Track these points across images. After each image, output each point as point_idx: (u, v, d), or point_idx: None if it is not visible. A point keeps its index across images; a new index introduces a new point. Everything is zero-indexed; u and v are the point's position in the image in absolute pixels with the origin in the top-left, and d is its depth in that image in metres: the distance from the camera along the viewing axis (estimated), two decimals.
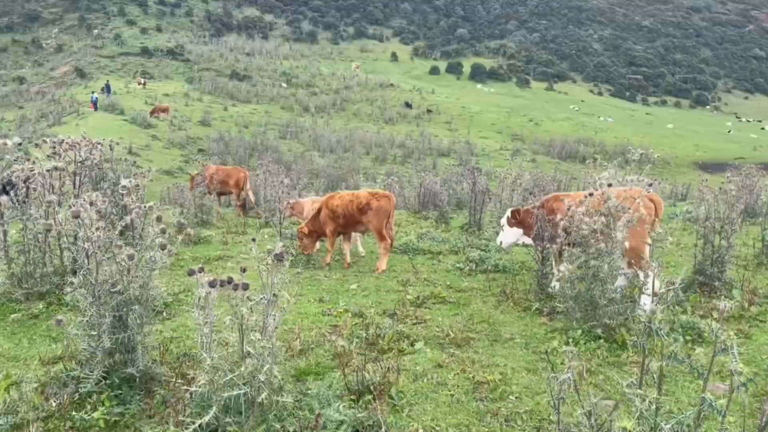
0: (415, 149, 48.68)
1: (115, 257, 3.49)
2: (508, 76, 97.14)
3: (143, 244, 3.71)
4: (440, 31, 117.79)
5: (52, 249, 5.90)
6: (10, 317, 5.33)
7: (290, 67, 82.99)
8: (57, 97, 57.80)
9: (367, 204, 8.17)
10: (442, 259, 8.76)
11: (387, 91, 75.84)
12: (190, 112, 50.63)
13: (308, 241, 8.79)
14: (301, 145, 48.28)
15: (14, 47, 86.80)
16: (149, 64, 76.84)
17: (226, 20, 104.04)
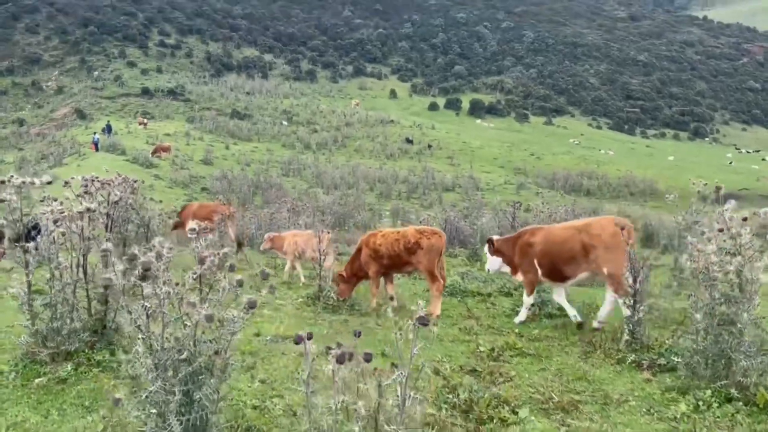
0: (419, 184, 48.33)
1: (186, 318, 2.83)
2: (506, 112, 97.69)
3: (217, 300, 3.04)
4: (438, 68, 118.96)
5: (80, 301, 5.21)
6: (35, 382, 4.62)
7: (291, 106, 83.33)
8: (57, 139, 57.57)
9: (416, 243, 7.52)
10: (495, 302, 8.08)
11: (387, 127, 75.99)
12: (192, 151, 50.35)
13: (346, 286, 8.10)
14: (305, 182, 47.91)
15: (14, 90, 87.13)
16: (150, 104, 77.06)
17: (226, 60, 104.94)
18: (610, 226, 6.90)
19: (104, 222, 5.31)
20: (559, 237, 7.28)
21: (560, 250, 7.15)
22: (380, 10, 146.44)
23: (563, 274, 7.22)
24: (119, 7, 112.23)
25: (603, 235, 6.87)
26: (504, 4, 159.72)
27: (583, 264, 7.03)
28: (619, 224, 6.82)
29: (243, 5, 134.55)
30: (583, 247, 6.98)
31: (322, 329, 6.50)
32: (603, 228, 6.94)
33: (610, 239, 6.78)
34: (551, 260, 7.23)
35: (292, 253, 10.46)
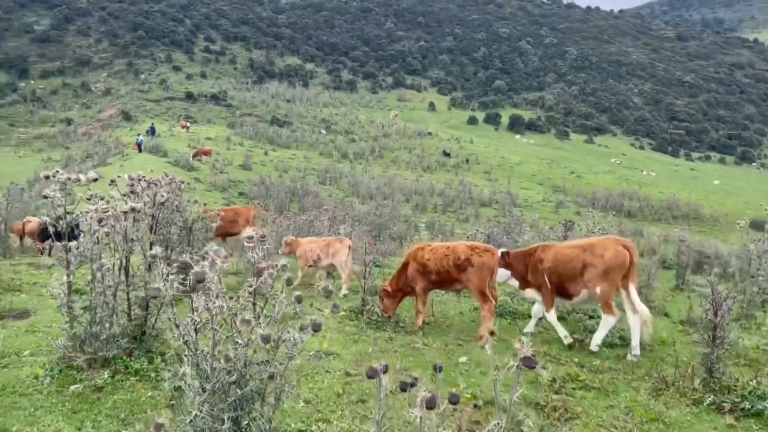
0: (455, 198, 47.83)
1: (239, 336, 2.53)
2: (547, 128, 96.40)
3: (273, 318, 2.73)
4: (478, 83, 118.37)
5: (120, 304, 4.98)
6: (70, 389, 4.39)
7: (330, 115, 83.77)
8: (103, 139, 58.93)
9: (466, 260, 7.12)
10: (547, 326, 7.61)
11: (425, 139, 75.71)
12: (232, 156, 50.85)
13: (390, 302, 7.71)
14: (341, 191, 47.90)
15: (64, 90, 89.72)
16: (193, 108, 78.36)
17: (268, 68, 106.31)
18: (613, 246, 7.08)
19: (149, 223, 5.09)
20: (566, 255, 7.45)
21: (565, 268, 7.36)
22: (422, 23, 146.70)
23: (568, 292, 7.41)
24: (168, 13, 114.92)
25: (605, 255, 7.02)
26: (548, 20, 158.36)
27: (581, 282, 7.23)
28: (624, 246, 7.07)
29: (288, 14, 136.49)
30: (583, 266, 7.18)
31: (367, 346, 6.17)
32: (605, 248, 7.10)
33: (611, 260, 6.96)
34: (558, 277, 7.42)
35: (305, 260, 10.20)
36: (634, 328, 6.68)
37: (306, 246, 9.98)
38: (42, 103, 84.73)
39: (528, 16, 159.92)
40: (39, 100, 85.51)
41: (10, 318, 6.34)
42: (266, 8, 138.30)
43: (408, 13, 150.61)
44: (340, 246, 10.22)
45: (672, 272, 13.54)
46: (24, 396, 4.24)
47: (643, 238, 26.40)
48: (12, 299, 7.07)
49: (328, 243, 10.30)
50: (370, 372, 2.19)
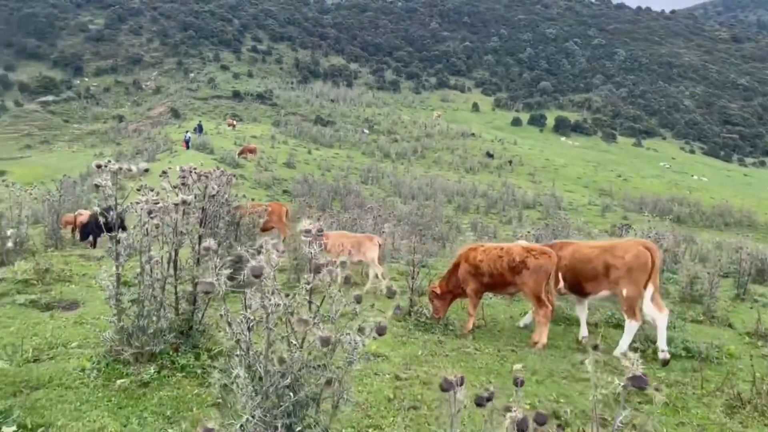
0: (498, 200, 47.18)
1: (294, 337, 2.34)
2: (593, 130, 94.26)
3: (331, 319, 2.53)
4: (523, 84, 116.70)
5: (167, 298, 4.88)
6: (117, 383, 4.30)
7: (373, 114, 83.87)
8: (152, 136, 60.36)
9: (522, 262, 6.81)
10: (605, 334, 7.23)
11: (468, 140, 75.00)
12: (276, 154, 51.36)
13: (440, 304, 7.45)
14: (382, 190, 47.83)
15: (116, 87, 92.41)
16: (239, 107, 79.59)
17: (313, 68, 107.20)
18: (635, 249, 7.06)
19: (198, 216, 4.98)
20: (585, 255, 7.48)
21: (584, 267, 7.41)
22: (468, 23, 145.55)
23: (584, 290, 7.46)
24: (217, 13, 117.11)
25: (626, 257, 7.01)
26: (596, 20, 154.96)
27: (603, 283, 7.20)
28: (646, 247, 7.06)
29: (333, 15, 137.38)
30: (605, 267, 7.14)
31: (416, 349, 5.94)
32: (626, 250, 7.09)
33: (633, 262, 6.94)
34: (574, 276, 7.48)
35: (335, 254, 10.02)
36: (660, 326, 6.62)
37: (336, 240, 9.82)
38: (95, 100, 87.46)
39: (576, 17, 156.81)
40: (92, 97, 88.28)
41: (59, 308, 6.36)
42: (312, 8, 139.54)
43: (453, 14, 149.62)
44: (370, 244, 10.17)
45: (729, 281, 12.87)
46: (70, 389, 4.17)
47: (695, 245, 25.39)
48: (62, 290, 7.11)
49: (357, 239, 10.25)
50: (446, 384, 1.97)
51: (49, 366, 4.51)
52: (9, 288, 6.90)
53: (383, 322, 2.37)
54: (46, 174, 44.45)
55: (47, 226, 12.14)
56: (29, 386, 4.17)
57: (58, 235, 12.48)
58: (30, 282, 7.20)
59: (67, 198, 16.27)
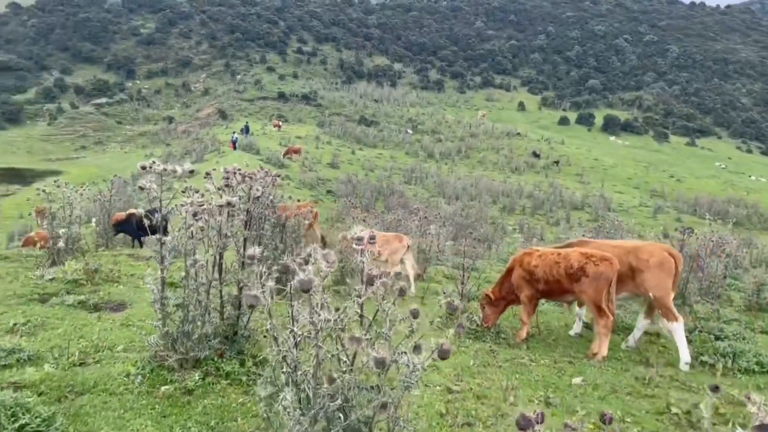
0: (545, 200, 46.31)
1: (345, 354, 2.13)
2: (644, 129, 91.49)
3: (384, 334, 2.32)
4: (571, 82, 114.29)
5: (212, 301, 4.76)
6: (161, 390, 4.20)
7: (416, 114, 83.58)
8: (200, 136, 61.63)
9: (581, 268, 6.45)
10: (666, 344, 6.80)
11: (513, 140, 73.90)
12: (320, 155, 51.65)
13: (492, 311, 7.15)
14: (426, 190, 47.58)
15: (167, 89, 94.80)
16: (285, 108, 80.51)
17: (357, 68, 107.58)
18: (660, 252, 7.01)
19: (243, 219, 4.85)
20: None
21: None
22: (514, 21, 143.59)
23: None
24: (263, 15, 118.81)
25: (651, 260, 6.93)
26: (647, 17, 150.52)
27: (628, 284, 7.08)
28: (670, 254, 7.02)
29: (378, 15, 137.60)
30: (629, 268, 7.04)
31: (467, 359, 5.68)
32: (651, 253, 7.01)
33: (657, 265, 6.87)
34: None
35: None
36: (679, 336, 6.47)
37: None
38: (146, 102, 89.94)
39: (626, 13, 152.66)
40: (144, 99, 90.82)
41: (107, 309, 6.35)
42: (357, 9, 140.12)
43: (499, 12, 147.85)
44: (399, 244, 9.92)
45: None
46: (114, 395, 4.08)
47: (756, 249, 24.17)
48: (110, 290, 7.13)
49: (386, 239, 9.97)
50: (523, 422, 1.71)
51: (95, 370, 4.44)
52: (59, 288, 6.95)
53: (446, 345, 2.14)
54: (100, 174, 45.89)
55: (98, 226, 12.36)
56: (74, 391, 4.10)
57: (109, 235, 12.69)
58: (79, 282, 7.25)
59: (118, 198, 16.60)
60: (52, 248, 8.21)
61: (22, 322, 5.37)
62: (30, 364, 4.47)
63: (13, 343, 4.66)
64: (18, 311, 5.77)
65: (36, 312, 5.80)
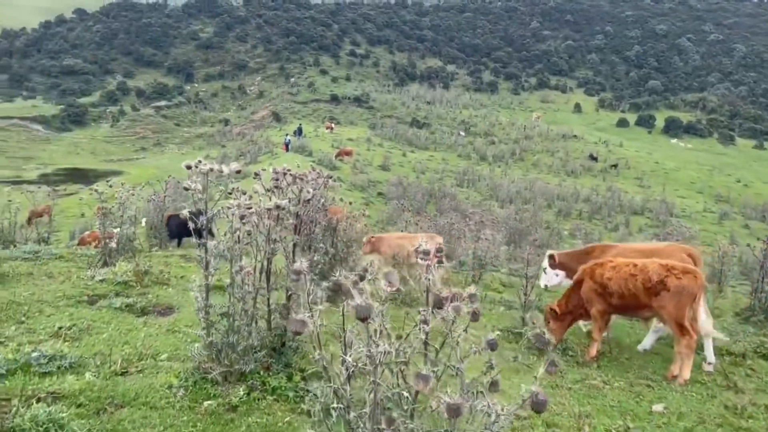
0: (603, 205, 44.83)
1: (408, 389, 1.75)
2: (708, 132, 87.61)
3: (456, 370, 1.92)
4: (630, 83, 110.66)
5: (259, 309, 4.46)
6: (204, 405, 3.92)
7: (469, 116, 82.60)
8: (254, 138, 62.60)
9: (660, 282, 5.85)
10: (754, 366, 6.13)
11: (569, 142, 72.02)
12: (372, 157, 51.54)
13: (558, 325, 6.60)
14: (479, 193, 46.83)
15: (223, 92, 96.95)
16: (337, 110, 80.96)
17: (410, 70, 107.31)
18: (678, 254, 7.05)
19: (293, 222, 4.54)
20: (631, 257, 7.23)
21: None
22: (571, 21, 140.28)
23: None
24: (318, 18, 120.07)
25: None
26: (712, 15, 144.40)
27: None
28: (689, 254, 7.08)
29: (431, 17, 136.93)
30: None
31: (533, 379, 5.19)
32: (671, 255, 7.00)
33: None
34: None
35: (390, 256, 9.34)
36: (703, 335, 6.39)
37: (392, 242, 9.11)
38: (203, 105, 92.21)
39: (689, 11, 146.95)
40: (201, 101, 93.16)
41: (155, 313, 6.18)
42: (410, 11, 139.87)
43: (555, 12, 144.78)
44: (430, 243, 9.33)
45: None
46: (155, 410, 3.83)
47: None
48: (158, 293, 6.98)
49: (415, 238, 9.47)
50: None
51: (136, 381, 4.21)
52: (108, 290, 6.85)
53: (540, 395, 1.73)
54: (158, 175, 47.07)
55: (152, 228, 12.40)
56: (114, 404, 3.87)
57: (162, 236, 12.73)
58: (129, 284, 7.14)
59: (172, 199, 16.75)
60: (103, 248, 8.17)
61: (68, 326, 5.23)
62: (71, 371, 4.29)
63: (56, 348, 4.49)
64: (65, 314, 5.65)
65: (83, 315, 5.67)
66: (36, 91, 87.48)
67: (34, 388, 3.91)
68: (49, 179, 48.89)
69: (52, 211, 18.14)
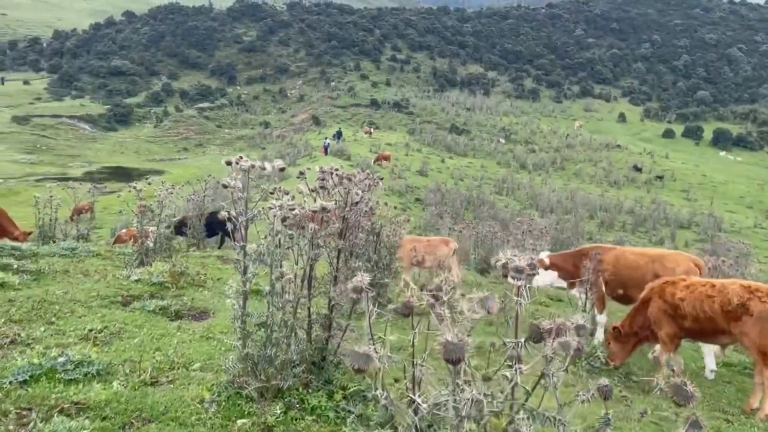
0: (647, 217, 43.55)
1: None
2: (759, 145, 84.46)
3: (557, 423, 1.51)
4: (677, 93, 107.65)
5: (298, 319, 4.10)
6: (237, 424, 3.58)
7: (509, 123, 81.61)
8: (294, 141, 62.95)
9: (742, 305, 5.26)
10: None
11: (613, 152, 70.38)
12: (410, 162, 51.20)
13: (620, 348, 6.05)
14: (518, 202, 46.08)
15: (264, 96, 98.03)
16: (376, 115, 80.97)
17: (450, 76, 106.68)
18: (685, 262, 7.22)
19: (339, 227, 4.17)
20: (633, 262, 7.62)
21: (632, 275, 7.46)
22: (616, 29, 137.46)
23: (633, 298, 7.27)
24: (360, 23, 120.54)
25: (677, 270, 7.04)
26: (764, 25, 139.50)
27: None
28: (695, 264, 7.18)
29: (473, 23, 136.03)
30: (654, 277, 7.00)
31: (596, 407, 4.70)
32: (677, 263, 7.21)
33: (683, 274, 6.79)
34: (623, 283, 7.60)
35: (408, 261, 9.21)
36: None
37: (407, 245, 8.93)
38: (245, 107, 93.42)
39: (741, 21, 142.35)
40: (243, 104, 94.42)
41: (189, 317, 5.90)
42: (452, 17, 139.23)
43: (601, 20, 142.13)
44: (446, 248, 9.59)
45: None
46: (185, 427, 3.50)
47: None
48: (194, 295, 6.72)
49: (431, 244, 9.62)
50: None
51: (166, 392, 3.90)
52: (143, 291, 6.61)
53: None
54: (199, 174, 47.60)
55: (191, 227, 12.25)
56: (141, 417, 3.56)
57: (201, 236, 12.57)
58: (164, 285, 6.89)
59: (212, 198, 16.67)
60: (140, 247, 7.97)
61: (99, 328, 4.97)
62: (98, 379, 4.00)
63: (84, 353, 4.21)
64: (97, 315, 5.41)
65: (115, 317, 5.41)
66: (84, 90, 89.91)
67: (57, 397, 3.63)
68: (94, 177, 49.99)
69: (94, 208, 18.30)
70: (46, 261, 7.71)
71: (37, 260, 7.72)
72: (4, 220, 11.14)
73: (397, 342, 3.39)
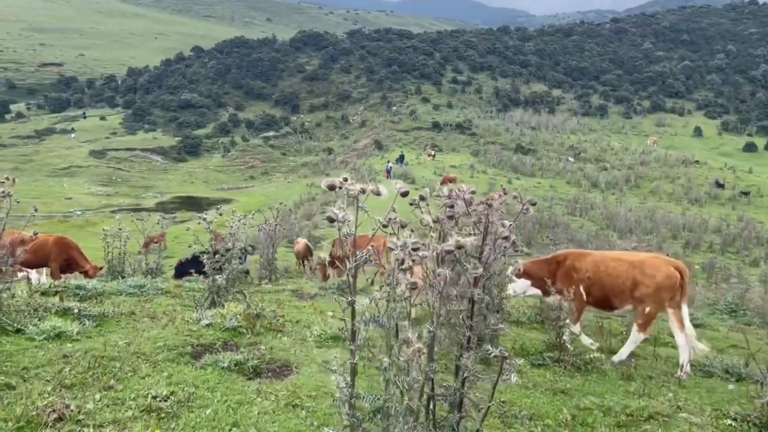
0: (737, 236, 40.53)
1: None
2: None
3: None
4: (757, 104, 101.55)
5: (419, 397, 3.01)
6: None
7: (578, 141, 78.91)
8: (357, 167, 62.83)
9: None
10: None
11: (691, 168, 66.66)
12: (476, 184, 49.64)
13: None
14: (593, 223, 43.92)
15: (327, 122, 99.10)
16: (439, 137, 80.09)
17: (513, 96, 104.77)
18: (665, 268, 7.04)
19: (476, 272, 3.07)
20: (612, 268, 7.35)
21: (612, 282, 7.27)
22: (687, 41, 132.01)
23: (612, 305, 7.38)
24: (419, 47, 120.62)
25: (657, 276, 6.97)
26: None
27: (629, 298, 7.17)
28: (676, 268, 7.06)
29: (535, 41, 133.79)
30: (633, 283, 7.10)
31: None
32: (657, 269, 7.04)
33: (663, 281, 6.93)
34: (602, 290, 7.36)
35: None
36: (681, 345, 6.78)
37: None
38: (308, 135, 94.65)
39: None
40: (306, 131, 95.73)
41: (269, 374, 4.93)
42: (513, 37, 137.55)
43: (669, 32, 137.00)
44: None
45: None
46: None
47: None
48: (272, 343, 5.77)
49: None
50: None
51: None
52: (216, 338, 5.72)
53: None
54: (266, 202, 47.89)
55: (263, 256, 11.52)
56: None
57: (273, 266, 11.82)
58: (239, 330, 5.99)
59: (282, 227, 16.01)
60: (211, 285, 7.15)
61: (164, 395, 4.06)
62: None
63: None
64: (163, 374, 4.53)
65: (184, 377, 4.51)
66: (156, 124, 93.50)
67: None
68: (166, 207, 51.18)
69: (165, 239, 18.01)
70: (112, 302, 7.01)
71: (102, 301, 7.03)
72: (76, 254, 10.80)
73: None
